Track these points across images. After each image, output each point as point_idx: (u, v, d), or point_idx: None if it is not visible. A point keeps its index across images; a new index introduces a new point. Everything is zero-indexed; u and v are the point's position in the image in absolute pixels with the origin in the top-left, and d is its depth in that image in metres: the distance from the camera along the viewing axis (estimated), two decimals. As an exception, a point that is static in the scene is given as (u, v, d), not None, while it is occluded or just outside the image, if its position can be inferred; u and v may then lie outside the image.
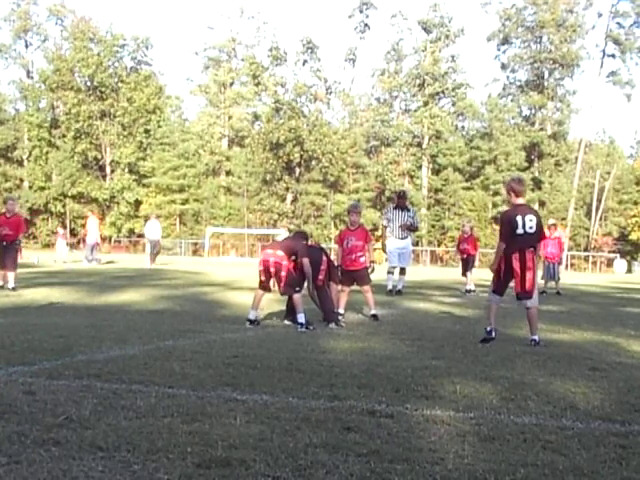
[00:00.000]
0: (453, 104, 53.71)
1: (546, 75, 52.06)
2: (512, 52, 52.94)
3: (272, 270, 8.03)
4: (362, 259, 8.97)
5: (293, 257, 8.17)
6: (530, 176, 50.14)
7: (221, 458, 2.98)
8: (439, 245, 49.68)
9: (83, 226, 34.81)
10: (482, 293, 15.63)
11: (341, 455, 3.08)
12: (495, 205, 49.44)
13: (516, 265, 6.79)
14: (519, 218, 6.87)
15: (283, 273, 7.99)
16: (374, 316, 8.90)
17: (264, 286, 8.23)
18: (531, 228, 6.90)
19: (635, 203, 51.81)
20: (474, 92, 60.79)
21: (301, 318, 7.90)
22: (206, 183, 53.77)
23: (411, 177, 52.72)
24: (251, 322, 7.98)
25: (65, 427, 3.37)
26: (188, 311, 9.24)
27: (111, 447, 3.09)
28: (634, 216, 50.78)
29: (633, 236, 50.08)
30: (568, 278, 22.01)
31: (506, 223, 6.98)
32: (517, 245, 6.83)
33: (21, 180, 54.88)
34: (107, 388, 4.25)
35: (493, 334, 6.94)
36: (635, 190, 52.82)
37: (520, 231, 6.83)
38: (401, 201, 13.61)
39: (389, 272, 13.61)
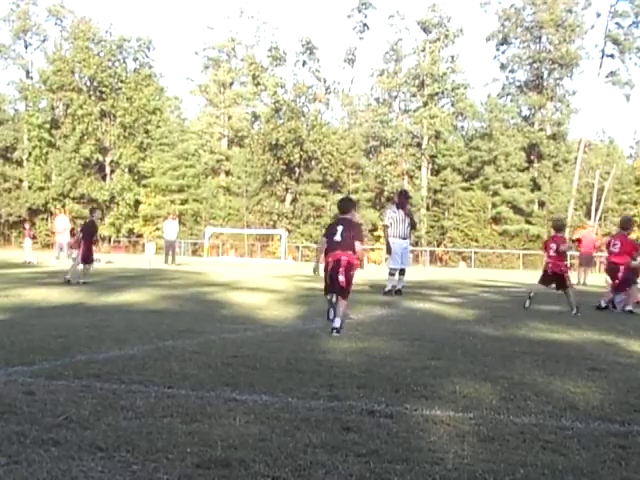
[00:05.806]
0: (452, 104, 53.74)
1: (545, 75, 52.06)
2: (511, 52, 53.02)
3: None
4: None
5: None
6: (530, 176, 50.17)
7: (221, 458, 2.98)
8: (438, 245, 49.70)
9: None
10: (482, 293, 15.65)
11: (340, 455, 3.08)
12: (494, 205, 49.44)
13: None
14: None
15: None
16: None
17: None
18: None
19: (635, 203, 51.78)
20: (473, 92, 61.04)
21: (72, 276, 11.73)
22: (205, 183, 53.77)
23: (410, 177, 52.74)
24: None
25: (64, 427, 3.37)
26: (188, 311, 9.22)
27: (110, 447, 3.08)
28: (634, 216, 50.76)
29: (632, 236, 49.99)
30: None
31: None
32: None
33: (20, 180, 54.86)
34: (106, 388, 4.25)
35: None
36: (635, 190, 52.79)
37: None
38: (405, 200, 13.59)
39: (391, 274, 13.31)
